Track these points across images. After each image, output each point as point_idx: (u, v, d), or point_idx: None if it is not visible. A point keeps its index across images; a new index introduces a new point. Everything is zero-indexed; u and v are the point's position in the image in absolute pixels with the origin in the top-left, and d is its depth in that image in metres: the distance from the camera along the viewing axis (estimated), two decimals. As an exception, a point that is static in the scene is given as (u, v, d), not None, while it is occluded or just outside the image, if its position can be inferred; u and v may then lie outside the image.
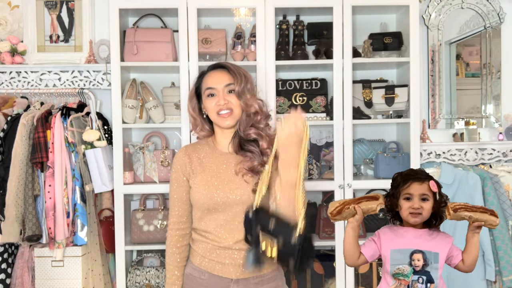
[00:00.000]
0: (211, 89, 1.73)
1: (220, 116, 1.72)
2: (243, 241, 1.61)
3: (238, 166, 1.71)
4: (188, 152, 1.78)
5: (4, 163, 2.48)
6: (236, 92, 1.71)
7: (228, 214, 1.67)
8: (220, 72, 1.76)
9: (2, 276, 2.49)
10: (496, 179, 2.72)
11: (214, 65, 1.81)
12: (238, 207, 1.66)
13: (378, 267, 2.69)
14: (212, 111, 1.73)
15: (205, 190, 1.68)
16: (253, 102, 1.73)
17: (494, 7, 2.91)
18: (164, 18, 2.78)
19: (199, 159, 1.76)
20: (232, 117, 1.72)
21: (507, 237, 2.66)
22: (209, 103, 1.73)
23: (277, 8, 2.58)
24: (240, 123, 1.75)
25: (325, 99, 2.72)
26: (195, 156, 1.77)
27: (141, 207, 2.72)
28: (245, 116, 1.74)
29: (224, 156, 1.76)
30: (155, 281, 2.66)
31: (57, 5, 2.80)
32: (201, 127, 1.81)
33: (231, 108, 1.71)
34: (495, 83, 2.95)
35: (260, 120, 1.75)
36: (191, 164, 1.75)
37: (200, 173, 1.72)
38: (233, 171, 1.71)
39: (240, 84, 1.71)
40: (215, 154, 1.77)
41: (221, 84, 1.72)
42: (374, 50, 2.71)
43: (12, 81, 2.72)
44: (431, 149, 2.82)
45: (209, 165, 1.74)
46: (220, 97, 1.71)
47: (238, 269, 1.67)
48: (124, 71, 2.68)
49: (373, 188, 2.84)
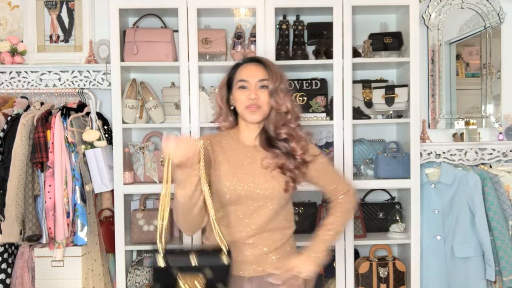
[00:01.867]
0: (243, 81, 1.69)
1: (248, 109, 1.67)
2: (256, 235, 1.63)
3: (266, 160, 1.69)
4: (209, 139, 1.73)
5: (4, 163, 2.48)
6: (269, 90, 1.68)
7: (248, 208, 1.65)
8: (256, 66, 1.71)
9: (2, 276, 2.49)
10: (496, 179, 2.72)
11: (251, 58, 1.77)
12: (260, 201, 1.65)
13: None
14: (241, 104, 1.69)
15: (228, 182, 1.65)
16: (286, 101, 1.69)
17: (494, 7, 2.91)
18: (164, 18, 2.78)
19: (222, 148, 1.71)
20: (260, 112, 1.68)
21: (507, 237, 2.66)
22: (240, 95, 1.69)
23: (277, 8, 2.57)
24: (269, 121, 1.72)
25: (325, 99, 2.72)
26: (218, 145, 1.72)
27: (141, 207, 2.72)
28: (275, 114, 1.71)
29: (249, 149, 1.72)
30: (155, 281, 2.66)
31: (57, 5, 2.81)
32: (224, 118, 1.76)
33: (260, 105, 1.68)
34: (495, 83, 2.95)
35: (290, 120, 1.71)
36: (213, 151, 1.70)
37: (224, 163, 1.68)
38: (259, 165, 1.68)
39: (275, 82, 1.68)
40: (239, 146, 1.73)
41: (255, 78, 1.68)
42: (374, 50, 2.71)
43: (12, 81, 2.72)
44: (431, 149, 2.81)
45: (233, 156, 1.70)
46: (251, 91, 1.67)
47: (251, 266, 1.65)
48: (124, 71, 2.68)
49: (373, 188, 2.84)
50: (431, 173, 2.73)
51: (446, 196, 2.68)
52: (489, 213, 2.66)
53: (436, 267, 2.66)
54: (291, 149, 1.70)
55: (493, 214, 2.65)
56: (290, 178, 1.68)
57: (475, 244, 2.67)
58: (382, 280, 2.69)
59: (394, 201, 2.89)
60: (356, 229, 2.69)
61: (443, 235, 2.67)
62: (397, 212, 2.78)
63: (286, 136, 1.71)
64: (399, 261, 2.72)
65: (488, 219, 2.67)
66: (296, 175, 1.70)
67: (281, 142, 1.71)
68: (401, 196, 2.88)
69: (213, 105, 2.69)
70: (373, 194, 2.90)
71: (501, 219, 2.66)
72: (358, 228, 2.71)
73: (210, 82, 2.83)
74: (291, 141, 1.70)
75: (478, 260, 2.68)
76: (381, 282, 2.68)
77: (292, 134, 1.71)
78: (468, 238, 2.67)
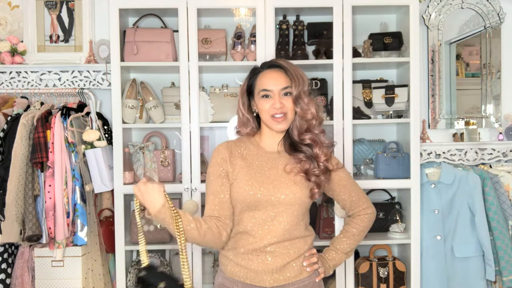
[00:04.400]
0: (266, 91, 1.65)
1: (274, 119, 1.64)
2: (277, 243, 1.60)
3: (290, 166, 1.66)
4: (229, 147, 1.71)
5: (4, 163, 2.47)
6: (294, 96, 1.65)
7: (267, 213, 1.62)
8: (277, 73, 1.67)
9: (2, 276, 2.49)
10: (496, 179, 2.72)
11: (270, 63, 1.73)
12: (280, 207, 1.62)
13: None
14: (266, 113, 1.66)
15: (248, 186, 1.62)
16: (311, 107, 1.67)
17: (494, 7, 2.91)
18: (164, 18, 2.78)
19: (242, 155, 1.69)
20: (286, 121, 1.66)
21: (507, 237, 2.66)
22: (264, 104, 1.66)
23: (277, 8, 2.57)
24: (293, 127, 1.70)
25: (325, 99, 2.72)
26: (237, 152, 1.70)
27: (141, 207, 2.71)
28: (300, 120, 1.68)
29: (270, 155, 1.70)
30: (155, 281, 2.65)
31: (57, 5, 2.80)
32: (246, 124, 1.73)
33: (286, 112, 1.65)
34: (495, 83, 2.95)
35: (315, 126, 1.69)
36: (232, 159, 1.67)
37: (244, 168, 1.65)
38: (281, 170, 1.66)
39: (298, 87, 1.64)
40: (260, 152, 1.71)
41: (278, 87, 1.64)
42: (374, 50, 2.71)
43: (12, 81, 2.72)
44: (431, 149, 2.81)
45: (253, 162, 1.68)
46: (276, 100, 1.63)
47: (272, 276, 1.61)
48: (124, 71, 2.68)
49: (373, 188, 2.84)
50: (431, 173, 2.73)
51: (446, 196, 2.69)
52: (489, 213, 2.66)
53: (436, 267, 2.66)
54: (315, 155, 1.67)
55: (493, 214, 2.65)
56: (315, 184, 1.65)
57: (475, 244, 2.67)
58: (382, 280, 2.69)
59: (394, 201, 2.89)
60: (356, 229, 2.69)
61: (443, 235, 2.67)
62: (397, 212, 2.78)
63: (310, 142, 1.68)
64: (399, 261, 2.72)
65: (488, 219, 2.67)
66: (321, 180, 1.67)
67: (305, 147, 1.69)
68: (401, 196, 2.88)
69: (213, 105, 2.70)
70: (373, 194, 2.90)
71: (501, 219, 2.66)
72: (358, 228, 2.71)
73: (210, 82, 2.83)
74: (314, 147, 1.68)
75: (478, 260, 2.68)
76: (381, 282, 2.68)
77: (315, 139, 1.68)
78: (468, 238, 2.67)
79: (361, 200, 1.80)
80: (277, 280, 1.61)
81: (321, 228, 2.68)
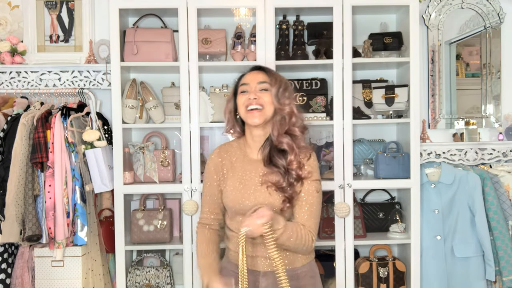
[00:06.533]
0: (244, 85, 1.76)
1: (249, 112, 1.72)
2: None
3: (264, 177, 1.73)
4: (221, 154, 1.84)
5: (4, 163, 2.47)
6: (272, 92, 1.72)
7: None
8: (257, 71, 1.80)
9: (2, 276, 2.49)
10: (496, 179, 2.72)
11: (253, 67, 1.84)
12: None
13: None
14: (241, 106, 1.74)
15: (233, 196, 1.75)
16: (290, 103, 1.72)
17: (494, 7, 2.91)
18: (164, 18, 2.78)
19: (231, 162, 1.81)
20: (261, 114, 1.71)
21: (507, 237, 2.66)
22: (241, 98, 1.75)
23: (277, 8, 2.57)
24: (273, 125, 1.73)
25: (325, 99, 2.72)
26: (228, 159, 1.82)
27: (141, 207, 2.72)
28: (279, 117, 1.72)
29: (253, 164, 1.79)
30: (155, 281, 2.66)
31: (57, 5, 2.80)
32: (233, 128, 1.85)
33: (262, 104, 1.70)
34: (495, 83, 2.95)
35: (295, 124, 1.73)
36: (223, 166, 1.81)
37: (231, 177, 1.78)
38: (258, 181, 1.73)
39: (275, 84, 1.73)
40: (245, 160, 1.81)
41: (255, 81, 1.74)
42: (374, 50, 2.71)
43: (12, 81, 2.72)
44: (431, 149, 2.82)
45: (238, 170, 1.79)
46: (251, 92, 1.72)
47: (266, 261, 1.73)
48: (124, 71, 2.68)
49: (373, 188, 2.84)
50: (431, 173, 2.73)
51: (446, 196, 2.69)
52: (489, 213, 2.66)
53: (436, 267, 2.66)
54: (288, 162, 1.71)
55: (493, 214, 2.65)
56: (286, 198, 1.70)
57: (475, 244, 2.67)
58: (382, 280, 2.69)
59: (394, 201, 2.89)
60: (356, 229, 2.69)
61: (443, 235, 2.67)
62: (397, 212, 2.78)
63: (286, 147, 1.72)
64: (399, 261, 2.72)
65: (488, 219, 2.67)
66: (290, 194, 1.70)
67: (280, 156, 1.72)
68: (401, 196, 2.88)
69: (213, 105, 2.69)
70: (373, 194, 2.90)
71: (501, 219, 2.66)
72: (358, 228, 2.71)
73: (210, 82, 2.83)
74: (290, 153, 1.71)
75: (478, 260, 2.68)
76: (381, 282, 2.68)
77: (292, 146, 1.72)
78: (468, 238, 2.67)
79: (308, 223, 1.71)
80: (271, 266, 1.70)
81: (321, 228, 2.68)
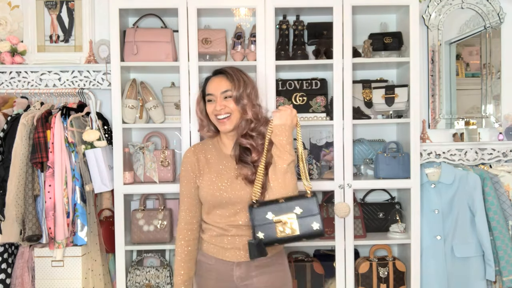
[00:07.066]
0: (210, 95, 1.85)
1: (219, 121, 1.83)
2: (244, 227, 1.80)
3: (237, 171, 1.84)
4: (196, 152, 1.91)
5: (4, 163, 2.47)
6: (234, 97, 1.81)
7: (231, 210, 1.82)
8: (219, 78, 1.86)
9: (2, 276, 2.49)
10: (496, 179, 2.72)
11: (215, 70, 1.91)
12: (239, 206, 1.82)
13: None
14: (211, 114, 1.85)
15: (210, 190, 1.83)
16: (249, 110, 1.81)
17: (494, 7, 2.91)
18: (164, 18, 2.78)
19: (206, 159, 1.89)
20: (231, 121, 1.82)
21: (507, 237, 2.66)
22: (209, 108, 1.86)
23: (277, 8, 2.57)
24: (238, 128, 1.84)
25: (325, 99, 2.72)
26: (202, 156, 1.90)
27: (141, 207, 2.72)
28: (244, 121, 1.83)
29: (227, 158, 1.89)
30: (155, 281, 2.66)
31: (57, 5, 2.81)
32: (207, 129, 1.93)
33: (229, 112, 1.82)
34: (495, 83, 2.95)
35: (254, 128, 1.84)
36: (199, 164, 1.88)
37: (207, 173, 1.86)
38: (233, 174, 1.84)
39: (238, 89, 1.81)
40: (220, 155, 1.90)
41: (218, 91, 1.83)
42: (374, 50, 2.71)
43: (12, 81, 2.72)
44: (431, 149, 2.82)
45: (214, 166, 1.88)
46: (217, 103, 1.82)
47: (239, 253, 1.82)
48: (124, 71, 2.68)
49: (373, 188, 2.84)
50: (431, 173, 2.73)
51: (446, 196, 2.69)
52: (489, 213, 2.66)
53: (436, 267, 2.66)
54: (251, 160, 1.83)
55: (493, 214, 2.65)
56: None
57: (475, 244, 2.67)
58: (382, 280, 2.69)
59: (394, 201, 2.89)
60: (356, 229, 2.69)
61: (443, 235, 2.67)
62: (397, 212, 2.78)
63: (247, 146, 1.84)
64: (399, 261, 2.72)
65: (488, 219, 2.67)
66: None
67: (246, 153, 1.84)
68: (401, 196, 2.88)
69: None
70: (373, 194, 2.90)
71: (501, 219, 2.66)
72: (358, 228, 2.71)
73: (210, 82, 2.83)
74: (252, 152, 1.83)
75: (478, 260, 2.68)
76: (381, 282, 2.68)
77: (252, 144, 1.83)
78: (468, 238, 2.67)
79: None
80: (243, 257, 1.81)
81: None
